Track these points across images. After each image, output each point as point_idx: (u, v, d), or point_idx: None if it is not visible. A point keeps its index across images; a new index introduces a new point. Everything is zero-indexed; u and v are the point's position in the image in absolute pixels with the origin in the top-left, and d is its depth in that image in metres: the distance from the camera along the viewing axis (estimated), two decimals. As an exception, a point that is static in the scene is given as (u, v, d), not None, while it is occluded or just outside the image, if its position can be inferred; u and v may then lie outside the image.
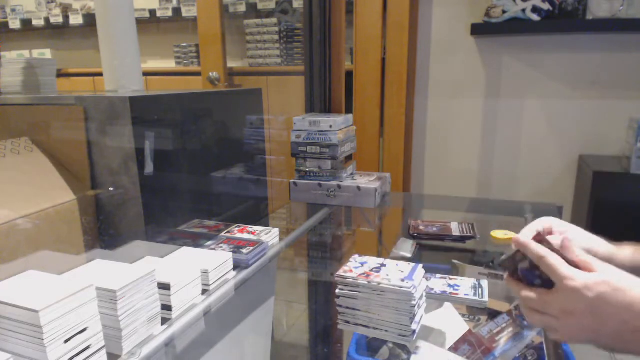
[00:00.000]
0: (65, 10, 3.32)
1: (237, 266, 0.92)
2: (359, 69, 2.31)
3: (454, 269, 1.12)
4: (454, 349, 0.83)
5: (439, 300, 0.95)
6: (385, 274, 0.80)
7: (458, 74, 2.31)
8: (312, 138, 1.39)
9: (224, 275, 0.87)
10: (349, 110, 1.67)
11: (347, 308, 0.81)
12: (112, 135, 1.05)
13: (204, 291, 0.83)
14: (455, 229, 1.27)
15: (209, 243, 0.97)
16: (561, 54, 2.14)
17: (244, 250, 0.94)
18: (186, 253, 0.89)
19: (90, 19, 3.21)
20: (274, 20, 2.75)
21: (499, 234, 1.23)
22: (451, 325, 0.90)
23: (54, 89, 1.55)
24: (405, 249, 1.19)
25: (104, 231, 1.10)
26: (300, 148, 1.41)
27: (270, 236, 1.05)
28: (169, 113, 1.19)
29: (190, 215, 1.17)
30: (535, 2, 1.99)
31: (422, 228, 1.29)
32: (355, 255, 0.89)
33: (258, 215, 1.58)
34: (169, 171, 1.17)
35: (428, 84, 2.37)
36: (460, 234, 1.25)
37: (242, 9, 2.85)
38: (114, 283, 0.64)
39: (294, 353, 1.75)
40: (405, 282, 0.76)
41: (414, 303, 0.76)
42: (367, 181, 1.41)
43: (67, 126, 1.09)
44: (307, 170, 1.42)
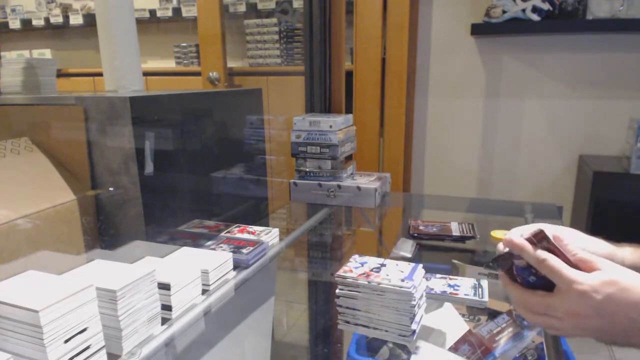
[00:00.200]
0: (65, 10, 3.32)
1: (237, 266, 0.92)
2: (359, 69, 2.31)
3: (454, 269, 1.12)
4: (454, 349, 0.83)
5: (439, 300, 0.95)
6: (385, 274, 0.80)
7: (458, 74, 2.31)
8: (312, 138, 1.39)
9: (224, 275, 0.87)
10: (349, 110, 1.67)
11: (347, 308, 0.81)
12: (112, 135, 1.05)
13: (204, 291, 0.83)
14: (455, 229, 1.27)
15: (209, 243, 0.97)
16: (561, 54, 2.14)
17: (244, 250, 0.94)
18: (186, 253, 0.89)
19: (90, 19, 3.21)
20: (274, 20, 2.75)
21: (499, 234, 1.22)
22: (451, 325, 0.90)
23: (54, 89, 1.55)
24: (405, 249, 1.19)
25: (104, 231, 1.10)
26: (300, 148, 1.41)
27: (270, 236, 1.05)
28: (169, 113, 1.19)
29: (190, 215, 1.17)
30: (535, 2, 1.99)
31: (422, 228, 1.29)
32: (355, 255, 0.89)
33: (258, 215, 1.58)
34: (169, 171, 1.17)
35: (428, 84, 2.37)
36: (460, 234, 1.25)
37: (242, 9, 2.85)
38: (114, 283, 0.64)
39: (294, 353, 1.75)
40: (405, 282, 0.76)
41: (414, 303, 0.76)
42: (367, 181, 1.41)
43: (67, 126, 1.09)
44: (307, 170, 1.42)
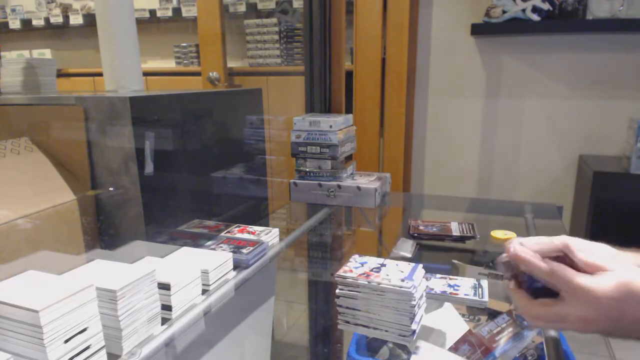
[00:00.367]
0: (65, 10, 3.32)
1: (237, 266, 0.92)
2: (359, 69, 2.32)
3: (454, 269, 1.12)
4: (454, 349, 0.83)
5: (439, 300, 0.95)
6: (385, 274, 0.80)
7: (458, 74, 2.31)
8: (312, 138, 1.39)
9: (224, 275, 0.87)
10: (349, 110, 1.67)
11: (347, 308, 0.81)
12: (112, 135, 1.05)
13: (204, 291, 0.83)
14: (455, 229, 1.27)
15: (209, 243, 0.97)
16: (561, 54, 2.14)
17: (244, 250, 0.94)
18: (186, 253, 0.89)
19: (90, 19, 3.21)
20: (274, 20, 2.75)
21: (499, 234, 1.23)
22: (451, 325, 0.90)
23: (54, 89, 1.55)
24: (405, 249, 1.19)
25: (104, 231, 1.10)
26: (300, 148, 1.41)
27: (270, 236, 1.05)
28: (169, 113, 1.19)
29: (190, 215, 1.17)
30: (535, 2, 1.99)
31: (422, 228, 1.29)
32: (355, 255, 0.89)
33: (258, 215, 1.58)
34: (169, 171, 1.17)
35: (428, 84, 2.37)
36: (460, 234, 1.25)
37: (242, 9, 2.85)
38: (114, 283, 0.64)
39: (294, 353, 1.75)
40: (405, 282, 0.76)
41: (414, 303, 0.76)
42: (367, 181, 1.41)
43: (67, 126, 1.09)
44: (307, 170, 1.42)
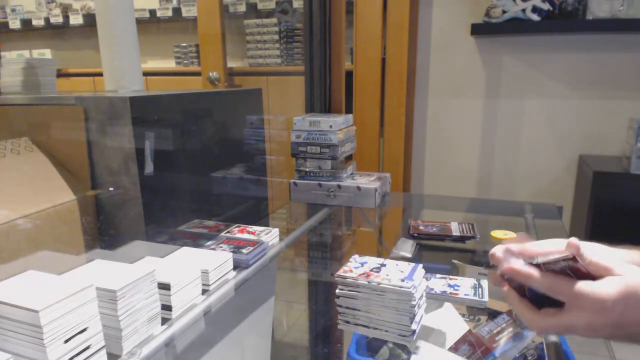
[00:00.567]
0: (65, 10, 3.32)
1: (237, 266, 0.92)
2: (359, 69, 2.31)
3: (454, 269, 1.12)
4: (454, 349, 0.83)
5: (439, 300, 0.95)
6: (385, 274, 0.79)
7: (458, 74, 2.31)
8: (312, 138, 1.39)
9: (224, 275, 0.87)
10: (349, 110, 1.67)
11: (347, 308, 0.81)
12: (112, 135, 1.05)
13: (204, 291, 0.83)
14: (455, 229, 1.27)
15: (209, 243, 0.97)
16: (561, 54, 2.14)
17: (244, 250, 0.94)
18: (186, 253, 0.89)
19: (90, 19, 3.21)
20: (274, 20, 2.75)
21: (499, 234, 1.23)
22: (451, 325, 0.90)
23: (54, 89, 1.55)
24: (405, 249, 1.19)
25: (104, 231, 1.10)
26: (300, 148, 1.41)
27: (270, 236, 1.05)
28: (169, 113, 1.19)
29: (190, 215, 1.17)
30: (535, 2, 1.99)
31: (422, 228, 1.29)
32: (355, 255, 0.89)
33: (258, 215, 1.58)
34: (169, 171, 1.17)
35: (428, 84, 2.37)
36: (460, 234, 1.25)
37: (242, 9, 2.85)
38: (114, 283, 0.64)
39: (294, 353, 1.75)
40: (405, 282, 0.76)
41: (414, 303, 0.76)
42: (367, 181, 1.41)
43: (67, 126, 1.09)
44: (307, 170, 1.42)
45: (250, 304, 1.09)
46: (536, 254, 0.60)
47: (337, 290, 0.81)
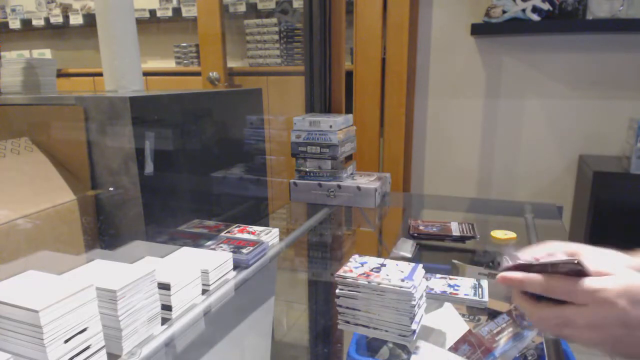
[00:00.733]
0: (65, 10, 3.32)
1: (237, 266, 0.92)
2: (359, 69, 2.31)
3: (454, 269, 1.12)
4: (454, 349, 0.83)
5: (439, 300, 0.95)
6: (385, 274, 0.80)
7: (458, 74, 2.31)
8: (312, 138, 1.39)
9: (224, 275, 0.87)
10: (349, 110, 1.67)
11: (347, 308, 0.81)
12: (112, 135, 1.05)
13: (204, 291, 0.83)
14: (455, 229, 1.27)
15: (209, 243, 0.97)
16: (561, 54, 2.14)
17: (244, 250, 0.94)
18: (186, 253, 0.89)
19: (90, 19, 3.21)
20: (274, 20, 2.75)
21: (499, 234, 1.23)
22: (451, 325, 0.90)
23: (54, 89, 1.55)
24: (405, 249, 1.19)
25: (104, 231, 1.10)
26: (300, 148, 1.41)
27: (270, 236, 1.05)
28: (169, 113, 1.19)
29: (190, 215, 1.17)
30: (535, 2, 1.99)
31: (422, 228, 1.29)
32: (355, 255, 0.89)
33: (258, 215, 1.58)
34: (169, 171, 1.17)
35: (428, 84, 2.37)
36: (460, 234, 1.25)
37: (242, 9, 2.85)
38: (114, 283, 0.64)
39: (294, 353, 1.75)
40: (405, 282, 0.76)
41: (414, 303, 0.76)
42: (367, 181, 1.41)
43: (67, 126, 1.09)
44: (307, 170, 1.42)
45: (250, 304, 1.09)
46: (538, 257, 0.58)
47: (337, 290, 0.81)
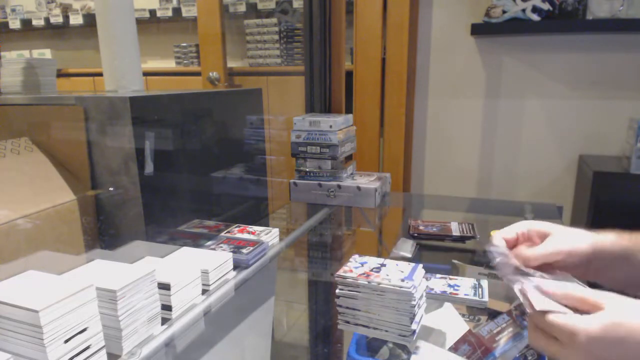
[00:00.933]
0: (65, 10, 3.32)
1: (237, 266, 0.92)
2: (359, 69, 2.31)
3: (454, 269, 1.12)
4: (454, 349, 0.83)
5: (439, 300, 0.95)
6: (385, 274, 0.79)
7: (458, 74, 2.31)
8: (312, 138, 1.39)
9: (224, 275, 0.87)
10: (349, 110, 1.67)
11: (347, 308, 0.81)
12: (112, 135, 1.05)
13: (204, 291, 0.83)
14: (455, 229, 1.27)
15: (209, 243, 0.97)
16: (561, 54, 2.14)
17: (244, 250, 0.94)
18: (186, 253, 0.89)
19: (90, 19, 3.21)
20: (274, 20, 2.75)
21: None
22: (451, 325, 0.90)
23: (54, 89, 1.55)
24: (405, 249, 1.19)
25: (104, 231, 1.10)
26: (300, 148, 1.41)
27: (270, 236, 1.05)
28: (169, 113, 1.19)
29: (190, 215, 1.17)
30: (535, 2, 1.99)
31: (422, 228, 1.29)
32: (355, 255, 0.89)
33: (258, 215, 1.58)
34: (169, 171, 1.17)
35: (428, 84, 2.37)
36: (460, 234, 1.25)
37: (242, 9, 2.85)
38: (114, 283, 0.64)
39: (294, 353, 1.75)
40: (405, 282, 0.76)
41: (414, 303, 0.76)
42: (367, 181, 1.41)
43: (67, 126, 1.09)
44: (307, 170, 1.42)
45: (250, 304, 1.09)
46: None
47: (337, 290, 0.81)
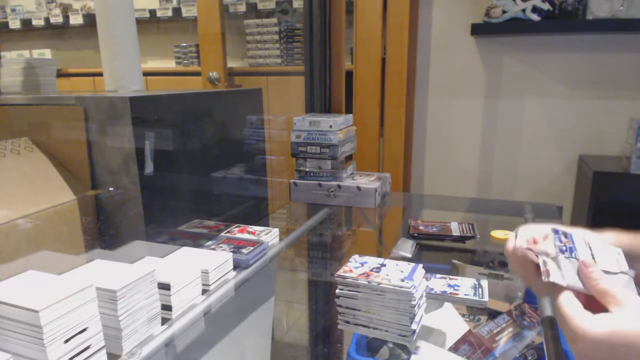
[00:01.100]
0: (65, 10, 3.32)
1: (237, 266, 0.92)
2: (359, 69, 2.31)
3: (454, 269, 1.12)
4: (454, 349, 0.83)
5: (439, 300, 0.95)
6: (385, 274, 0.79)
7: (458, 74, 2.31)
8: (312, 138, 1.39)
9: (224, 275, 0.87)
10: (349, 110, 1.67)
11: (347, 308, 0.81)
12: (112, 135, 1.05)
13: (204, 291, 0.83)
14: (455, 229, 1.27)
15: (209, 243, 0.97)
16: (561, 54, 2.13)
17: (244, 250, 0.94)
18: (186, 253, 0.89)
19: (90, 19, 3.21)
20: (274, 20, 2.75)
21: (499, 234, 1.23)
22: (451, 325, 0.90)
23: (54, 89, 1.55)
24: (405, 249, 1.19)
25: (104, 231, 1.10)
26: (300, 148, 1.41)
27: (270, 236, 1.05)
28: (169, 113, 1.19)
29: (190, 215, 1.17)
30: (535, 2, 1.99)
31: (422, 228, 1.29)
32: (355, 255, 0.89)
33: (258, 215, 1.58)
34: (169, 171, 1.17)
35: (428, 84, 2.37)
36: (460, 234, 1.25)
37: (242, 9, 2.85)
38: (114, 283, 0.64)
39: (294, 353, 1.75)
40: (405, 282, 0.76)
41: (414, 303, 0.76)
42: (367, 181, 1.41)
43: (67, 126, 1.09)
44: (307, 170, 1.42)
45: (250, 304, 1.09)
46: None
47: (337, 290, 0.81)
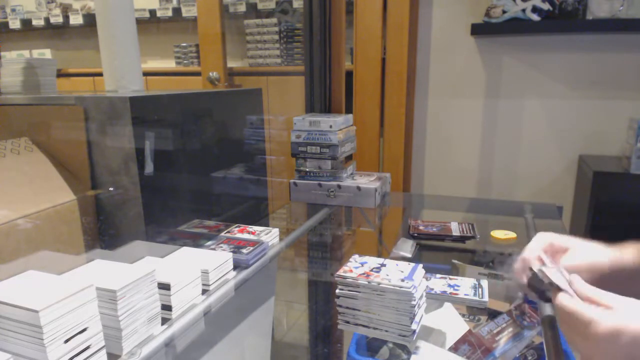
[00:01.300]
0: (65, 10, 3.32)
1: (237, 266, 0.92)
2: (359, 69, 2.31)
3: (454, 269, 1.12)
4: (454, 349, 0.83)
5: (439, 300, 0.95)
6: (385, 274, 0.79)
7: (458, 74, 2.31)
8: (312, 138, 1.39)
9: (224, 275, 0.87)
10: (349, 110, 1.67)
11: (347, 308, 0.81)
12: (112, 135, 1.05)
13: (204, 291, 0.83)
14: (455, 229, 1.27)
15: (209, 243, 0.97)
16: (561, 54, 2.13)
17: (244, 250, 0.94)
18: (186, 253, 0.89)
19: (90, 19, 3.21)
20: (274, 20, 2.75)
21: (499, 234, 1.23)
22: (451, 325, 0.90)
23: (54, 89, 1.55)
24: (405, 249, 1.19)
25: (104, 231, 1.10)
26: (300, 148, 1.41)
27: (270, 236, 1.05)
28: (169, 113, 1.19)
29: (190, 215, 1.17)
30: (535, 2, 1.99)
31: (422, 228, 1.29)
32: (355, 255, 0.89)
33: (258, 215, 1.58)
34: (169, 171, 1.17)
35: (428, 84, 2.37)
36: (460, 234, 1.25)
37: (242, 9, 2.85)
38: (114, 283, 0.64)
39: (294, 353, 1.75)
40: (405, 282, 0.76)
41: (414, 303, 0.76)
42: (367, 181, 1.41)
43: (67, 126, 1.09)
44: (307, 170, 1.42)
45: (250, 304, 1.09)
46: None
47: (337, 290, 0.81)
